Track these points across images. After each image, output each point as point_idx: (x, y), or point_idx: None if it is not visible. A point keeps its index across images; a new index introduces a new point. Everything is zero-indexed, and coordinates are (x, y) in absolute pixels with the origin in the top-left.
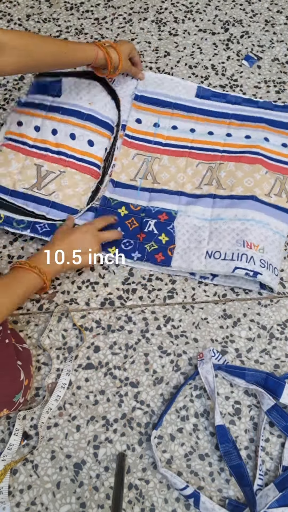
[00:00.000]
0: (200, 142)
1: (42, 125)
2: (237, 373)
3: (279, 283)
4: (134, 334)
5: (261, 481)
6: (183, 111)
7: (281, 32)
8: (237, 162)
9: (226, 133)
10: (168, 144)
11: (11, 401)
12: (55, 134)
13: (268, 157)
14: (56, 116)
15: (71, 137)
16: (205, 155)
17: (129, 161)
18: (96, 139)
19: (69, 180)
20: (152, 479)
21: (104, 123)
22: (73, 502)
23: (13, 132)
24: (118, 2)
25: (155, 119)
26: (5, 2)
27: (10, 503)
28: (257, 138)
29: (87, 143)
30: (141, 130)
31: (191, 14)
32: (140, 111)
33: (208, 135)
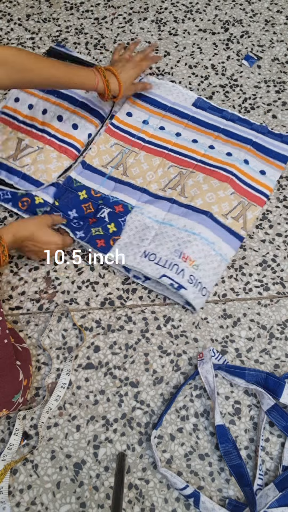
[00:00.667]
0: (181, 147)
1: (36, 104)
2: (237, 373)
3: (279, 283)
4: (134, 334)
5: (261, 481)
6: (176, 116)
7: (281, 32)
8: (208, 175)
9: (210, 144)
10: (149, 142)
11: (10, 401)
12: (44, 114)
13: (240, 179)
14: (51, 98)
15: (58, 119)
16: (180, 159)
17: (107, 148)
18: (81, 123)
19: (45, 157)
20: (152, 479)
21: (95, 111)
22: (73, 502)
23: (9, 107)
24: (118, 2)
25: (146, 116)
26: (5, 2)
27: (10, 503)
28: (237, 158)
29: (71, 126)
30: (129, 123)
31: (191, 14)
32: (133, 106)
33: (191, 142)
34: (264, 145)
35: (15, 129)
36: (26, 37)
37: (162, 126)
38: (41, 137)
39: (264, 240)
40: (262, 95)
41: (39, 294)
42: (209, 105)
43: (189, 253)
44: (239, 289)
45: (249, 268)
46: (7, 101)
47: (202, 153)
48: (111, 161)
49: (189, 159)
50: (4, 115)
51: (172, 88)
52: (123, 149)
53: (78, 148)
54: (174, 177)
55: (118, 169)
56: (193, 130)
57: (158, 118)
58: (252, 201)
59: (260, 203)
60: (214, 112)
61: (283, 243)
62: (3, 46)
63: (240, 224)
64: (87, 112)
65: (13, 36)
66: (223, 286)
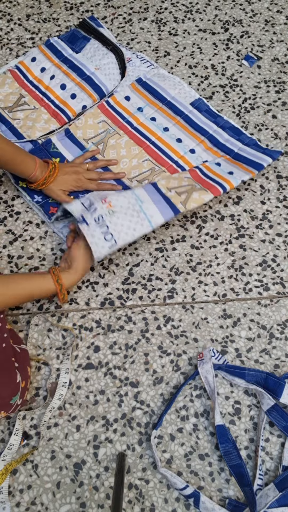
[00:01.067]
0: (163, 142)
1: (49, 69)
2: (237, 373)
3: (279, 283)
4: (134, 334)
5: (261, 481)
6: (171, 110)
7: (281, 32)
8: None
9: (191, 148)
10: (136, 129)
11: (8, 403)
12: (51, 79)
13: (204, 173)
14: (63, 67)
15: (61, 87)
16: (158, 155)
17: (94, 123)
18: (80, 95)
19: (36, 116)
20: (152, 479)
21: (97, 87)
22: (73, 502)
23: (24, 64)
24: (118, 2)
25: (142, 104)
26: (5, 1)
27: (10, 503)
28: (211, 163)
29: (70, 96)
30: (123, 105)
31: (191, 14)
32: (134, 91)
33: (175, 141)
34: (244, 155)
35: (21, 85)
36: (26, 37)
37: (154, 117)
38: (41, 100)
39: (264, 240)
40: (262, 95)
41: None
42: (207, 108)
43: (112, 199)
44: (239, 289)
45: (249, 268)
46: (24, 58)
47: (180, 154)
48: (94, 137)
49: (167, 157)
50: (17, 70)
51: (177, 84)
52: (109, 128)
53: (70, 116)
54: (145, 171)
55: (98, 147)
56: (182, 129)
57: (153, 108)
58: (206, 188)
59: (214, 191)
60: (208, 116)
61: (283, 243)
62: None
63: (181, 198)
64: (89, 86)
65: (13, 36)
66: (223, 286)
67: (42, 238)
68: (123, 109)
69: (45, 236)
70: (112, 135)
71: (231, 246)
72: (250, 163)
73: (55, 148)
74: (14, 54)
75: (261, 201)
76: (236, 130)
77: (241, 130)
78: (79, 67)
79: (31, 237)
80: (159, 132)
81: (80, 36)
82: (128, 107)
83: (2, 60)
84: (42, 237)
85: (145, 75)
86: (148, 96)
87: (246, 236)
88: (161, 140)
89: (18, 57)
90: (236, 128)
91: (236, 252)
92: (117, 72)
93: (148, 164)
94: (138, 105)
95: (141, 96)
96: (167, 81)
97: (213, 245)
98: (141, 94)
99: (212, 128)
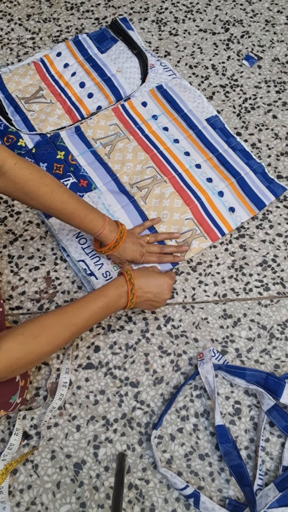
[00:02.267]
0: (171, 153)
1: (72, 65)
2: (237, 373)
3: (279, 283)
4: (134, 334)
5: (261, 481)
6: (185, 123)
7: (282, 32)
8: (177, 191)
9: (198, 163)
10: (147, 136)
11: (8, 402)
12: (72, 76)
13: (205, 208)
14: (86, 65)
15: (80, 85)
16: (163, 164)
17: (105, 125)
18: (97, 95)
19: (51, 110)
20: (152, 479)
21: (116, 90)
22: (73, 502)
23: (49, 58)
24: (119, 2)
25: (158, 112)
26: (5, 2)
27: (10, 503)
28: (214, 187)
29: (87, 95)
30: (138, 111)
31: (191, 14)
32: (152, 98)
33: (183, 154)
34: (249, 184)
35: (42, 78)
36: (27, 37)
37: (167, 127)
38: (58, 95)
39: (264, 240)
40: (263, 95)
41: (39, 294)
42: (221, 126)
43: None
44: (239, 289)
45: (249, 268)
46: (50, 51)
47: (186, 167)
48: (103, 138)
49: (171, 168)
50: (41, 62)
51: (197, 97)
52: (120, 131)
53: (83, 115)
54: (147, 178)
55: (105, 148)
56: (192, 143)
57: (168, 118)
58: (206, 233)
59: (213, 237)
60: (221, 134)
61: (283, 243)
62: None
63: (181, 249)
64: (108, 88)
65: (13, 36)
66: (223, 286)
67: (42, 238)
68: (138, 115)
69: (45, 236)
70: (122, 139)
71: (231, 246)
72: (253, 198)
73: (62, 142)
74: (15, 54)
75: None
76: (246, 154)
77: (251, 155)
78: (101, 67)
79: (31, 237)
80: (168, 142)
81: (108, 36)
82: (143, 113)
83: (3, 60)
84: (42, 237)
85: (167, 83)
86: (165, 105)
87: (247, 236)
88: (169, 150)
89: (40, 51)
90: (247, 152)
91: (237, 252)
92: (138, 77)
93: (151, 171)
94: (153, 112)
95: (158, 104)
96: (187, 93)
97: (213, 245)
98: (159, 101)
99: (223, 147)
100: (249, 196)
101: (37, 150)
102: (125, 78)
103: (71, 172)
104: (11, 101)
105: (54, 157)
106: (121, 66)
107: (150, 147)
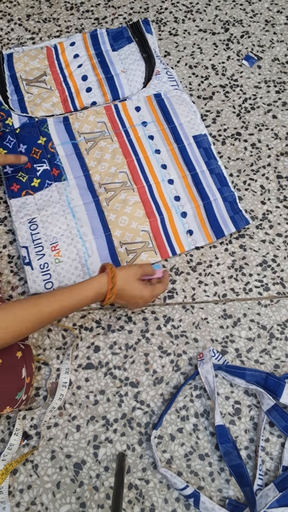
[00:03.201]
0: (148, 163)
1: (81, 57)
2: (237, 373)
3: (279, 283)
4: (134, 334)
5: (261, 481)
6: (171, 135)
7: (281, 32)
8: (142, 202)
9: (171, 178)
10: (130, 141)
11: (14, 398)
12: (78, 67)
13: (164, 226)
14: (94, 59)
15: (82, 78)
16: (137, 172)
17: (93, 121)
18: (96, 91)
19: (47, 97)
20: (152, 479)
21: (115, 89)
22: (73, 502)
23: (62, 46)
24: (119, 2)
25: (149, 119)
26: (5, 2)
27: (10, 503)
28: (179, 206)
29: (86, 89)
30: (130, 114)
31: (191, 14)
32: (147, 104)
33: (160, 166)
34: (214, 211)
35: (50, 64)
36: (26, 37)
37: (153, 135)
38: (60, 83)
39: (264, 240)
40: (262, 95)
41: None
42: (207, 146)
43: (62, 247)
44: (239, 289)
45: (249, 268)
46: (65, 40)
47: (158, 180)
48: (88, 133)
49: (144, 178)
50: (53, 48)
51: (191, 113)
52: (106, 130)
53: (77, 107)
54: (117, 182)
55: (87, 143)
56: (172, 157)
57: (157, 127)
58: (158, 248)
59: (163, 254)
60: (203, 154)
61: (283, 243)
62: None
63: (127, 258)
64: (108, 86)
65: (13, 36)
66: (223, 286)
67: None
68: (128, 118)
69: None
70: (105, 138)
71: (231, 246)
72: (214, 225)
73: (47, 129)
74: None
75: (261, 201)
76: (222, 180)
77: (227, 182)
78: (107, 64)
79: None
80: (150, 152)
81: (125, 35)
82: (134, 118)
83: None
84: None
85: (166, 93)
86: (158, 113)
87: (246, 236)
88: (148, 160)
89: (60, 37)
90: (224, 177)
91: (236, 252)
92: (141, 81)
93: (123, 177)
94: (144, 118)
95: (151, 111)
96: (183, 106)
97: (213, 245)
98: (153, 109)
99: (201, 168)
100: (211, 222)
101: (21, 131)
102: (127, 79)
103: (47, 159)
104: (14, 80)
105: (35, 141)
106: (127, 67)
107: (130, 152)
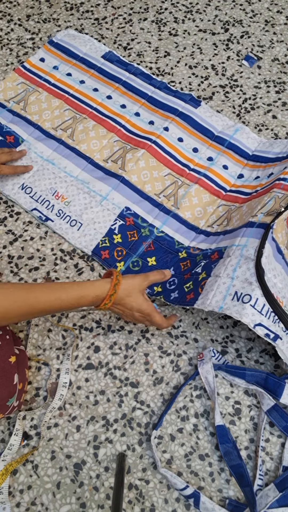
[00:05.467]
0: (81, 93)
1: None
2: (237, 373)
3: None
4: (134, 334)
5: (261, 481)
6: (84, 65)
7: (281, 32)
8: (98, 123)
9: (108, 95)
10: (54, 85)
11: (5, 405)
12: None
13: (127, 129)
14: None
15: (80, 81)
16: (77, 105)
17: (13, 86)
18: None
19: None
20: (152, 479)
21: (95, 90)
22: (73, 502)
23: (65, 42)
24: (118, 2)
25: (57, 63)
26: (5, 2)
27: (10, 503)
28: (129, 111)
29: (80, 81)
30: (39, 67)
31: (191, 14)
32: (47, 52)
33: (92, 91)
34: (157, 99)
35: (64, 60)
36: (26, 38)
37: (70, 72)
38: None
39: None
40: (262, 95)
41: None
42: (117, 58)
43: (63, 191)
44: None
45: None
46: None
47: (98, 101)
48: (14, 97)
49: (86, 105)
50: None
51: (87, 41)
52: (28, 87)
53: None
54: (68, 119)
55: (19, 104)
56: (97, 80)
57: (68, 65)
58: (135, 146)
59: (143, 146)
60: (120, 65)
61: None
62: None
63: (118, 165)
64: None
65: (13, 37)
66: None
67: (42, 239)
68: (39, 70)
69: (45, 236)
70: (32, 93)
71: None
72: (163, 106)
73: (20, 137)
74: (14, 55)
75: None
76: (146, 75)
77: (152, 76)
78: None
79: (31, 237)
80: (76, 85)
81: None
82: (44, 67)
83: (2, 60)
84: (42, 237)
85: (56, 37)
86: (61, 55)
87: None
88: (79, 91)
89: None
90: (146, 73)
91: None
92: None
93: (69, 113)
94: (53, 64)
95: (55, 56)
96: (77, 39)
97: None
98: (55, 54)
99: (125, 75)
100: (160, 107)
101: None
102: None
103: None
104: None
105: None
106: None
107: (60, 93)
